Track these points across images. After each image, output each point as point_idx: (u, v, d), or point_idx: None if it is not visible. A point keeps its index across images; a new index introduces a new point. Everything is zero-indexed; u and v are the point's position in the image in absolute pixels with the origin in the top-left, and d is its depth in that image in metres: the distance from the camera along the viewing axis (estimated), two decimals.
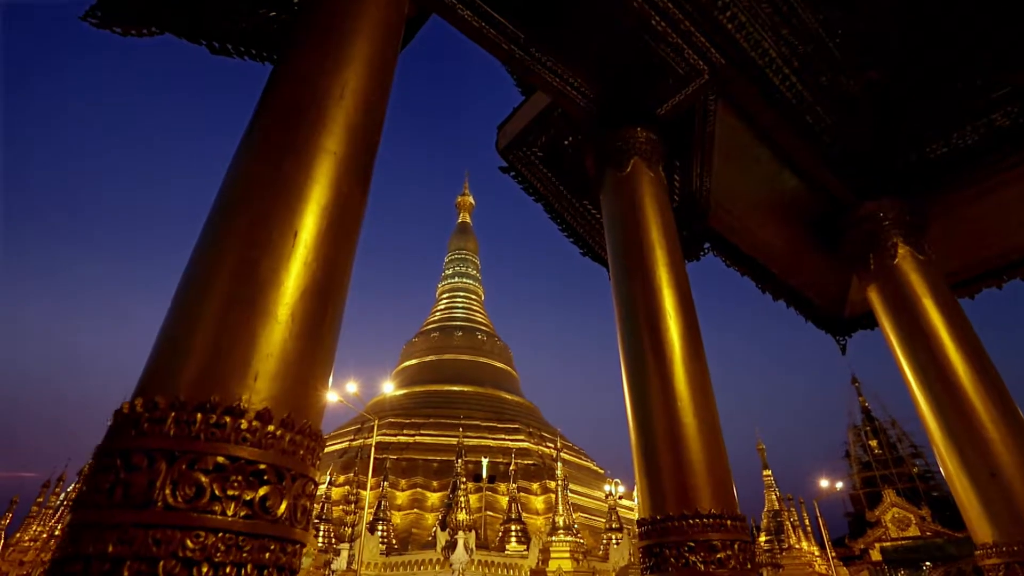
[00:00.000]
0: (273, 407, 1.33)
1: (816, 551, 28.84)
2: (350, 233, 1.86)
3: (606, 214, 3.97)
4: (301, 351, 1.47)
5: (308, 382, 1.48)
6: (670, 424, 2.82)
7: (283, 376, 1.40)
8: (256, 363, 1.36)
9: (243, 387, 1.31)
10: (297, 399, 1.42)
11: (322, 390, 1.55)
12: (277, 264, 1.54)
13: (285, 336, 1.45)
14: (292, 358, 1.44)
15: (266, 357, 1.39)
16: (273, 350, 1.41)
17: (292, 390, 1.41)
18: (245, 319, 1.42)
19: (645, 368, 3.08)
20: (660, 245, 3.52)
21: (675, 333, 3.13)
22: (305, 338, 1.50)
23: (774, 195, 5.01)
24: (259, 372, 1.36)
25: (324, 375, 1.57)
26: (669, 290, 3.32)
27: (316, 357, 1.53)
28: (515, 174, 5.12)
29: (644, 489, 2.77)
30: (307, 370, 1.48)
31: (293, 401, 1.40)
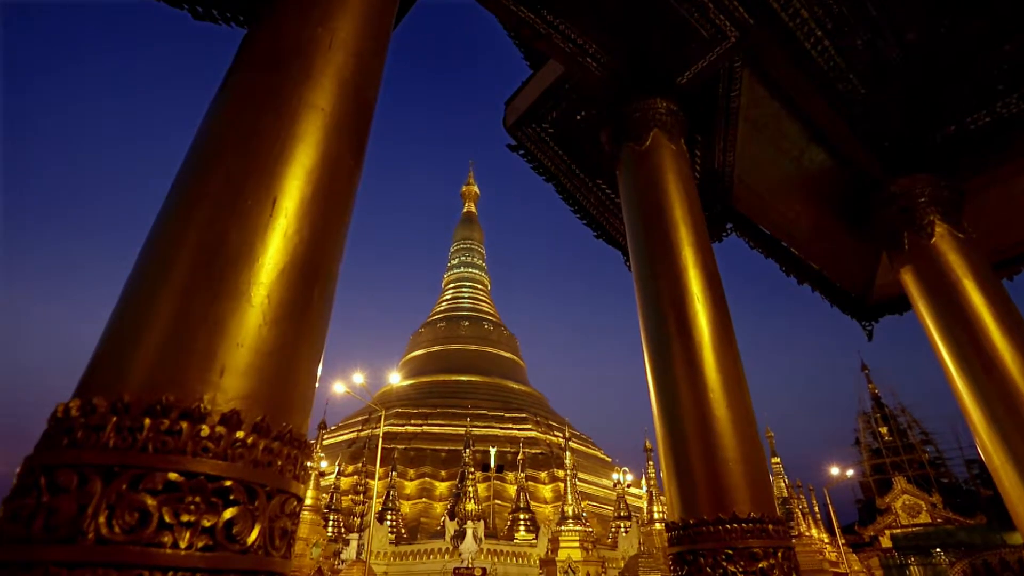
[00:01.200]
0: (244, 408, 1.08)
1: (826, 538, 28.71)
2: (341, 203, 1.59)
3: (624, 191, 3.69)
4: (280, 340, 1.22)
5: (289, 377, 1.23)
6: (701, 418, 2.56)
7: (257, 370, 1.14)
8: (223, 355, 1.11)
9: (206, 385, 1.06)
10: (275, 398, 1.16)
11: (308, 386, 1.30)
12: (251, 236, 1.28)
13: (260, 322, 1.19)
14: (269, 348, 1.19)
15: (235, 348, 1.13)
16: (245, 339, 1.16)
17: (268, 387, 1.16)
18: (210, 302, 1.16)
19: (671, 357, 2.81)
20: (685, 222, 3.24)
21: (704, 318, 2.86)
22: (285, 325, 1.24)
23: (800, 172, 4.69)
24: (226, 366, 1.10)
25: (310, 368, 1.31)
26: (696, 271, 3.04)
27: (299, 347, 1.28)
28: (524, 152, 4.83)
29: (674, 490, 2.52)
30: (287, 363, 1.23)
31: (270, 400, 1.15)
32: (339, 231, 1.55)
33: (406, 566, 23.53)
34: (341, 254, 1.56)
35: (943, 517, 33.87)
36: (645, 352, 3.00)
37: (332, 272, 1.49)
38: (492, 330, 59.20)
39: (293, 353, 1.26)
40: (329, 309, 1.47)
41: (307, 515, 17.91)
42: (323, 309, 1.41)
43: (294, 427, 1.19)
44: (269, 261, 1.28)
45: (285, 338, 1.23)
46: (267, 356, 1.18)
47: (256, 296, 1.21)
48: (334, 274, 1.50)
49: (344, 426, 46.78)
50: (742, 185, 4.45)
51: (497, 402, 47.38)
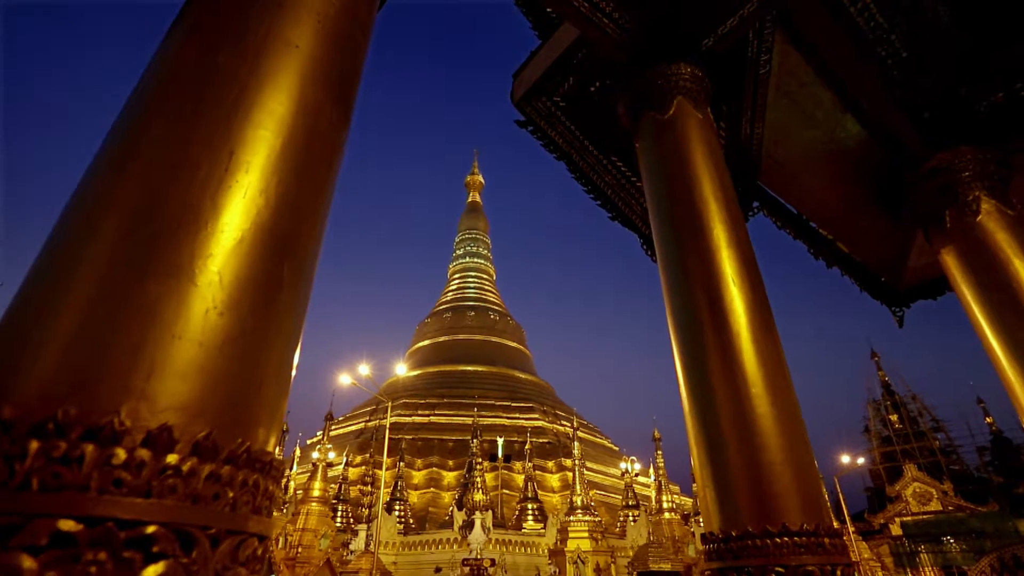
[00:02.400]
0: (181, 422, 0.79)
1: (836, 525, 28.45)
2: (320, 161, 1.29)
3: (645, 165, 3.36)
4: (235, 330, 0.93)
5: (249, 378, 0.94)
6: (740, 416, 2.27)
7: (201, 370, 0.85)
8: (153, 351, 0.82)
9: (126, 392, 0.77)
10: (228, 406, 0.88)
11: (276, 389, 1.01)
12: (198, 196, 0.99)
13: (207, 307, 0.90)
14: (219, 341, 0.90)
15: (171, 341, 0.84)
16: (185, 329, 0.87)
17: (218, 392, 0.87)
18: (136, 280, 0.87)
19: (704, 348, 2.51)
20: (715, 197, 2.92)
21: (740, 303, 2.56)
22: (243, 311, 0.95)
23: (832, 146, 4.33)
24: (157, 365, 0.81)
25: (279, 366, 1.02)
26: (729, 251, 2.73)
27: (263, 339, 0.99)
28: (533, 129, 4.50)
29: (711, 497, 2.23)
30: (246, 359, 0.94)
31: (220, 410, 0.86)
32: (318, 195, 1.26)
33: (415, 556, 23.56)
34: (321, 223, 1.27)
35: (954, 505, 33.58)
36: (674, 342, 2.70)
37: (309, 245, 1.19)
38: (498, 320, 59.07)
39: (254, 346, 0.96)
40: (306, 291, 1.17)
41: (315, 507, 17.87)
42: (297, 291, 1.12)
43: (255, 444, 0.91)
44: (222, 228, 0.98)
45: (243, 327, 0.94)
46: (217, 351, 0.89)
47: (202, 273, 0.92)
48: (312, 248, 1.21)
49: (351, 417, 46.95)
50: (770, 160, 4.10)
51: (504, 392, 47.34)
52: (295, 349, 1.13)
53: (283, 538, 16.84)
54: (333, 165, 1.36)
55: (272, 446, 1.00)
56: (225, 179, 1.04)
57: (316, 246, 1.24)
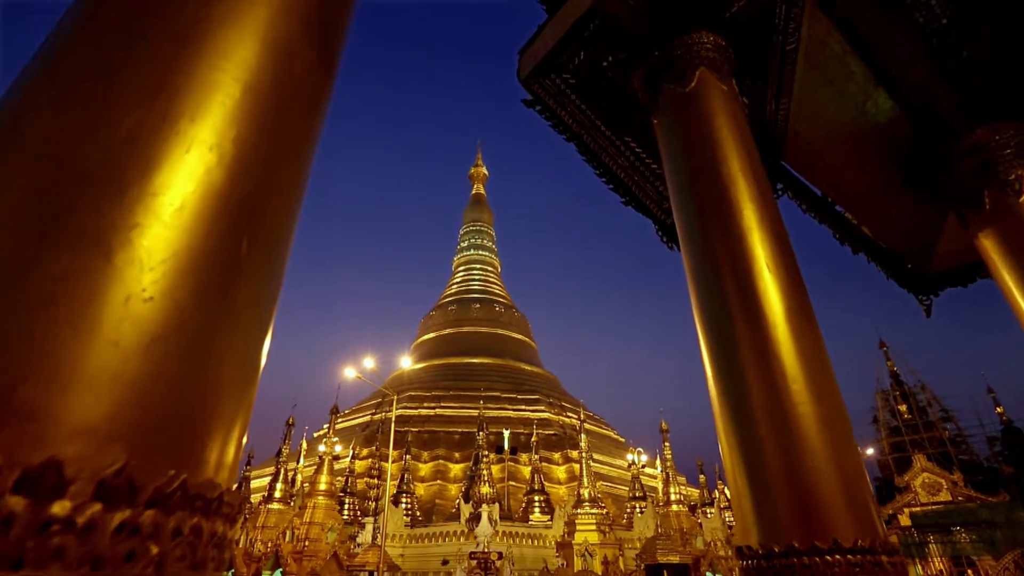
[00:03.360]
0: (81, 452, 0.57)
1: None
2: (295, 115, 1.06)
3: (665, 143, 3.10)
4: (171, 327, 0.69)
5: (190, 389, 0.70)
6: (779, 416, 2.03)
7: (116, 381, 0.62)
8: (43, 353, 0.59)
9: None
10: (156, 428, 0.65)
11: (232, 402, 0.78)
12: (124, 150, 0.75)
13: (130, 293, 0.67)
14: (146, 340, 0.66)
15: (74, 339, 0.61)
16: (96, 324, 0.63)
17: (142, 409, 0.64)
18: (30, 253, 0.64)
19: (735, 341, 2.27)
20: (743, 174, 2.66)
21: (774, 290, 2.31)
22: (183, 301, 0.72)
23: (862, 122, 4.04)
24: (47, 373, 0.58)
25: (235, 374, 0.79)
26: (761, 232, 2.48)
27: (213, 339, 0.75)
28: (541, 108, 4.23)
29: (747, 506, 1.99)
30: (187, 366, 0.71)
31: (144, 433, 0.63)
32: (290, 153, 1.02)
33: (422, 548, 23.56)
34: (296, 189, 1.03)
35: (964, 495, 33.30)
36: (700, 334, 2.45)
37: (279, 216, 0.96)
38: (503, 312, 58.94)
39: (198, 346, 0.73)
40: (274, 273, 0.94)
41: (322, 500, 17.83)
42: (261, 273, 0.88)
43: (197, 474, 0.68)
44: (156, 191, 0.75)
45: (181, 321, 0.71)
46: (141, 352, 0.66)
47: (123, 248, 0.68)
48: (283, 219, 0.97)
49: (357, 409, 47.06)
50: (796, 138, 3.82)
51: (509, 384, 47.28)
52: (261, 347, 0.89)
53: (290, 531, 16.82)
54: (311, 119, 1.12)
55: (227, 474, 0.77)
56: (162, 128, 0.80)
57: (289, 217, 1.00)
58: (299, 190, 1.06)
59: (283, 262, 0.98)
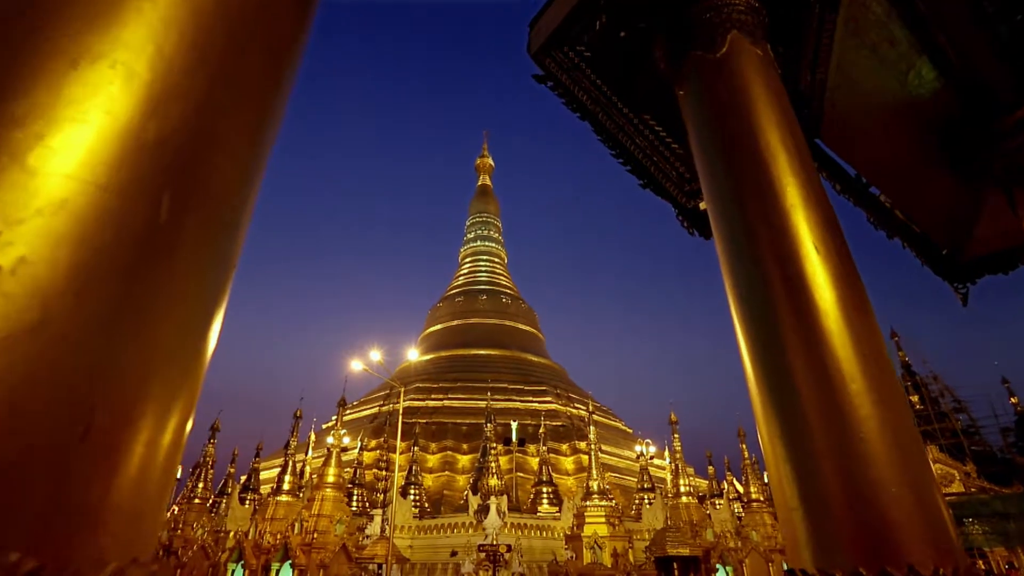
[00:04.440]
0: None
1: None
2: (256, 49, 0.79)
3: (692, 116, 2.81)
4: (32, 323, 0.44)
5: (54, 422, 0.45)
6: (835, 419, 1.77)
7: None
8: None
9: None
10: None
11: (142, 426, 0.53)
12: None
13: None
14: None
15: None
16: None
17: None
18: None
19: (780, 333, 2.00)
20: (784, 147, 2.38)
21: (824, 275, 2.04)
22: (52, 274, 0.46)
23: (902, 95, 3.72)
24: None
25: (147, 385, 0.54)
26: (807, 211, 2.20)
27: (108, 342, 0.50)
28: (553, 84, 3.93)
29: (798, 522, 1.74)
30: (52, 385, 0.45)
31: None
32: (246, 97, 0.76)
33: (430, 540, 23.60)
34: (254, 148, 0.77)
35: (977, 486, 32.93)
36: (738, 326, 2.19)
37: (224, 176, 0.70)
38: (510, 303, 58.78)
39: (81, 352, 0.48)
40: (220, 250, 0.69)
41: (330, 492, 17.80)
42: (194, 247, 0.63)
43: (68, 559, 0.43)
44: (22, 120, 0.49)
45: (45, 316, 0.46)
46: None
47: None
48: (231, 181, 0.71)
49: (365, 401, 47.23)
50: (833, 112, 3.51)
51: (517, 375, 47.22)
52: (195, 349, 0.64)
53: (299, 523, 16.82)
54: (278, 54, 0.86)
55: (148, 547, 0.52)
56: (40, 44, 0.54)
57: (241, 177, 0.74)
58: (258, 145, 0.80)
59: (233, 236, 0.72)
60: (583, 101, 3.96)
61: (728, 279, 2.31)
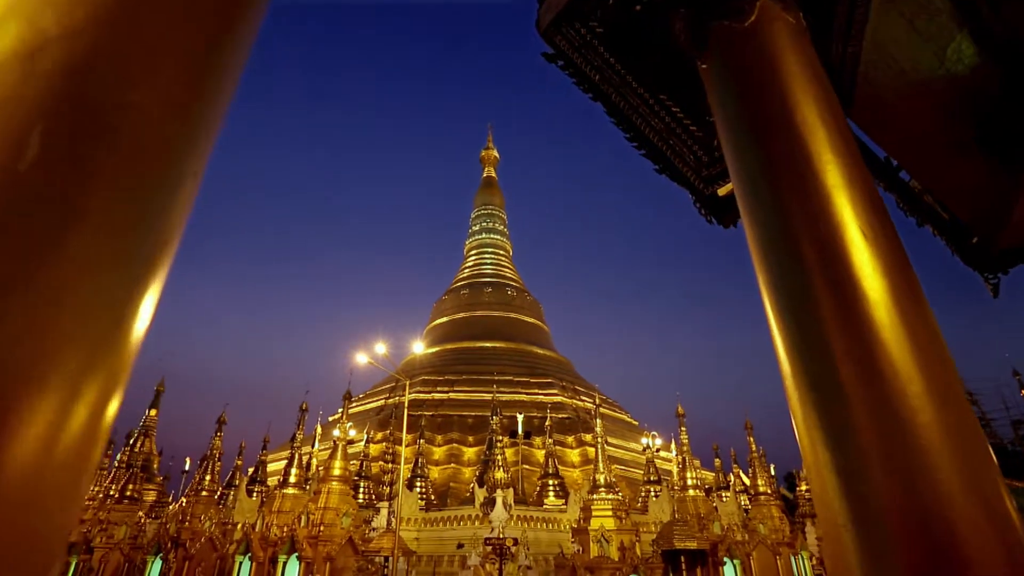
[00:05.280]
0: None
1: None
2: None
3: (718, 91, 2.59)
4: None
5: None
6: (888, 427, 1.57)
7: None
8: None
9: None
10: None
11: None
12: None
13: None
14: None
15: None
16: None
17: None
18: None
19: (821, 330, 1.79)
20: (823, 122, 2.16)
21: (872, 264, 1.82)
22: None
23: (940, 72, 3.46)
24: None
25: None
26: (851, 191, 1.98)
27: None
28: (564, 63, 3.71)
29: (849, 542, 1.54)
30: None
31: None
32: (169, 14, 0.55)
33: (437, 532, 23.61)
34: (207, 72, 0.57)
35: None
36: (773, 320, 1.98)
37: (139, 118, 0.49)
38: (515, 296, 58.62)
39: None
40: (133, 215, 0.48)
41: (336, 485, 17.79)
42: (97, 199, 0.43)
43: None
44: None
45: None
46: None
47: None
48: (149, 125, 0.51)
49: (372, 394, 47.35)
50: (865, 89, 3.27)
51: (522, 368, 47.14)
52: (113, 342, 0.45)
53: (305, 516, 16.83)
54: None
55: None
56: None
57: (175, 119, 0.54)
58: (204, 84, 0.60)
59: (161, 200, 0.52)
60: (595, 81, 3.73)
61: (760, 268, 2.10)
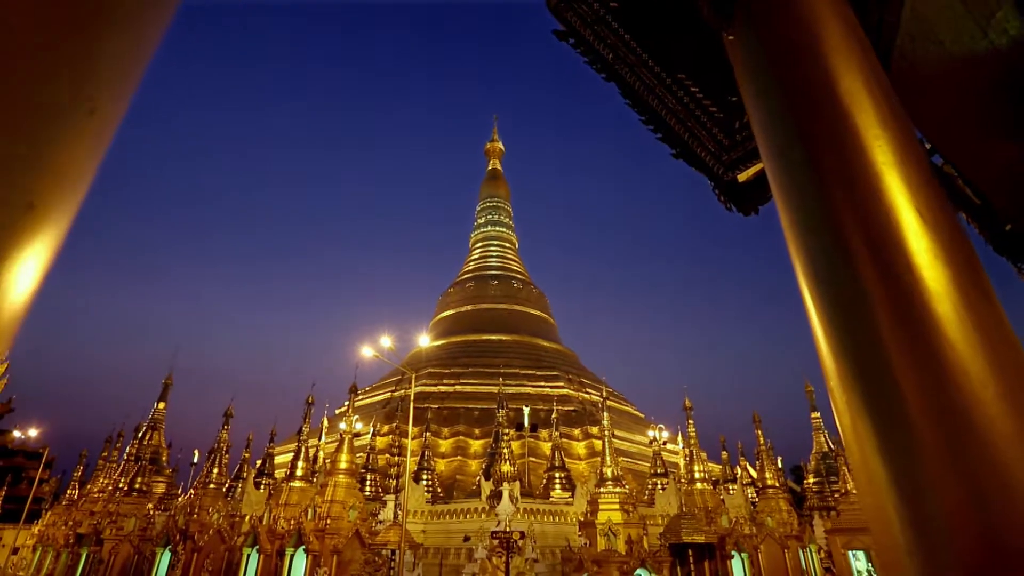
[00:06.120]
0: None
1: None
2: None
3: (748, 62, 2.37)
4: None
5: None
6: (957, 438, 1.37)
7: None
8: None
9: None
10: None
11: None
12: None
13: None
14: None
15: None
16: None
17: None
18: None
19: (873, 325, 1.59)
20: (869, 92, 1.94)
21: (932, 252, 1.62)
22: None
23: (981, 45, 3.21)
24: None
25: None
26: (902, 172, 1.77)
27: None
28: (575, 41, 3.48)
29: (914, 569, 1.35)
30: None
31: None
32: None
33: (443, 525, 23.62)
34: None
35: None
36: (814, 317, 1.78)
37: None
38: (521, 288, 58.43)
39: None
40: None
41: (343, 479, 17.77)
42: None
43: None
44: None
45: None
46: None
47: None
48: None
49: (378, 387, 47.44)
50: (903, 62, 3.03)
51: (528, 360, 47.05)
52: None
53: (312, 509, 16.82)
54: None
55: None
56: None
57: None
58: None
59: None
60: (608, 60, 3.51)
61: (798, 255, 1.89)
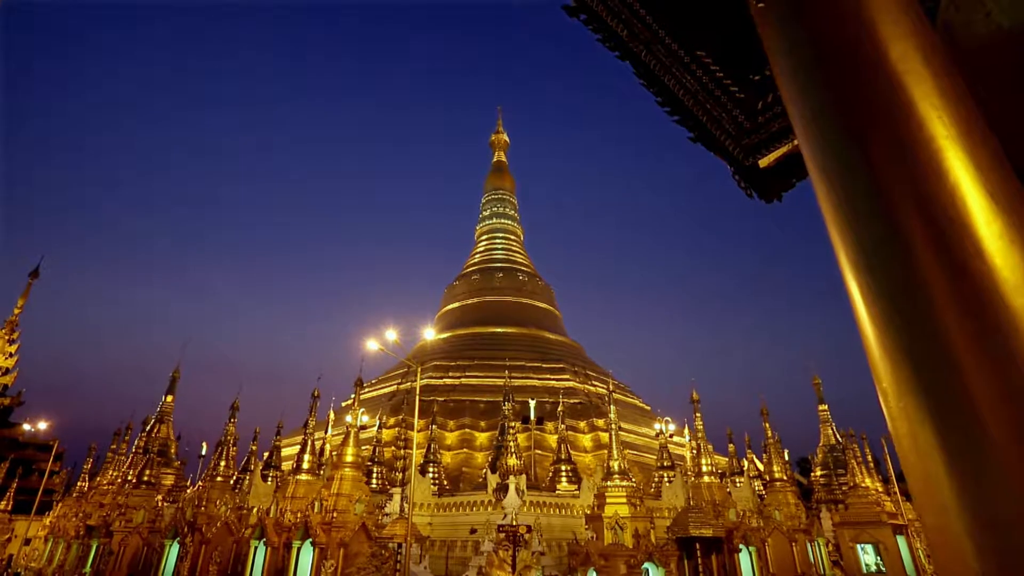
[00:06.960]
0: None
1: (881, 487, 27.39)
2: None
3: (780, 33, 2.16)
4: None
5: None
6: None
7: None
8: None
9: None
10: None
11: None
12: None
13: None
14: None
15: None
16: None
17: None
18: None
19: (934, 317, 1.42)
20: (925, 61, 1.74)
21: (1006, 243, 1.44)
22: None
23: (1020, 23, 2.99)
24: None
25: None
26: (966, 147, 1.58)
27: None
28: (587, 17, 3.28)
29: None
30: None
31: None
32: None
33: (450, 517, 23.67)
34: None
35: None
36: (861, 308, 1.60)
37: None
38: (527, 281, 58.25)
39: None
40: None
41: (349, 472, 17.76)
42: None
43: None
44: None
45: None
46: None
47: None
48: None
49: (384, 379, 47.57)
50: (945, 34, 2.81)
51: (534, 353, 46.97)
52: None
53: (318, 502, 16.83)
54: None
55: None
56: None
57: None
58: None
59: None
60: (623, 36, 3.30)
61: (843, 243, 1.70)
